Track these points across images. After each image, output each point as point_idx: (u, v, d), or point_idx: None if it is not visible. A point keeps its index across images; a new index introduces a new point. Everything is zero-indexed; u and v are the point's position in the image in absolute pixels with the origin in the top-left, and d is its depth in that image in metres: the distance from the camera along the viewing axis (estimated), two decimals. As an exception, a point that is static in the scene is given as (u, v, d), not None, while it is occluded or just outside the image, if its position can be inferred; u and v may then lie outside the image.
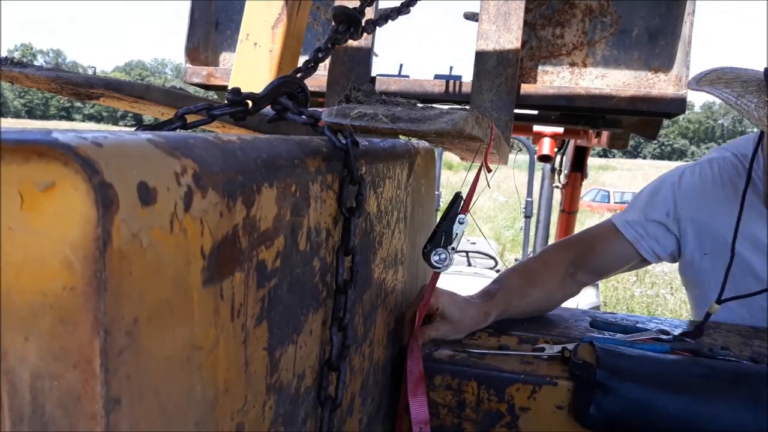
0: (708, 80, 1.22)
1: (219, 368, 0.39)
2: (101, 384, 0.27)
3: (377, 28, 1.22)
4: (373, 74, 1.97)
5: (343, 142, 0.69)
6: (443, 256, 1.14)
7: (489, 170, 1.18)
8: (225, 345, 0.40)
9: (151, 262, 0.30)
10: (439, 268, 1.14)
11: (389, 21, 1.22)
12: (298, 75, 0.99)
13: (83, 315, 0.27)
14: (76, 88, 1.24)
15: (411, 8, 1.27)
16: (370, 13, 1.67)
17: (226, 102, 0.74)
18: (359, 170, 0.70)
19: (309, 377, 0.63)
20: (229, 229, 0.38)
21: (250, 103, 0.76)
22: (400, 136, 1.13)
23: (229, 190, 0.38)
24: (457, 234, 1.15)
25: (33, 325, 0.27)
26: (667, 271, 9.44)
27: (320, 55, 1.04)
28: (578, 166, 4.12)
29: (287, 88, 0.80)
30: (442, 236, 1.15)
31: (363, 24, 1.08)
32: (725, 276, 1.32)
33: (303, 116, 0.73)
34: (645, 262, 1.50)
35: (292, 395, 0.57)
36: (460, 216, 1.15)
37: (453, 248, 1.15)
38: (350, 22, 1.05)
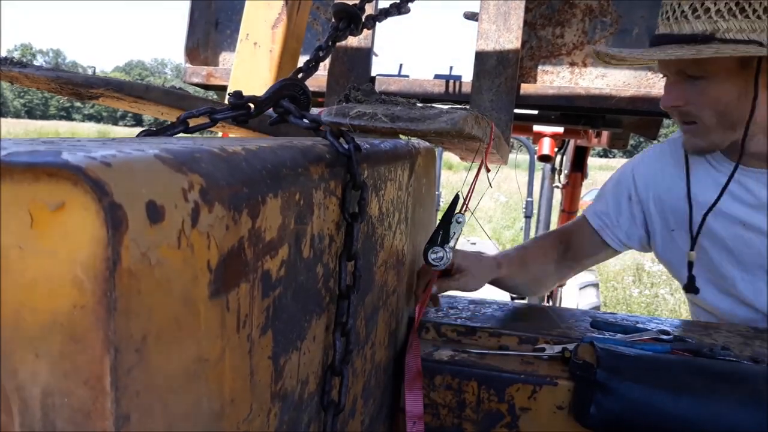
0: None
1: (225, 379, 0.40)
2: (111, 401, 0.28)
3: (377, 24, 1.22)
4: (372, 74, 1.98)
5: (346, 147, 0.69)
6: (440, 254, 1.15)
7: (488, 170, 1.19)
8: (231, 356, 0.40)
9: (159, 279, 0.30)
10: (436, 266, 1.16)
11: (389, 17, 1.22)
12: (300, 75, 0.99)
13: (93, 333, 0.27)
14: (76, 88, 1.24)
15: (410, 6, 1.27)
16: (369, 10, 1.67)
17: (227, 104, 0.75)
18: (362, 175, 0.70)
19: (312, 383, 0.63)
20: (234, 242, 0.39)
21: (252, 106, 0.76)
22: (401, 136, 1.14)
23: (234, 203, 0.38)
24: (454, 233, 1.16)
25: (44, 342, 0.28)
26: (665, 270, 9.39)
27: (321, 54, 1.04)
28: (578, 166, 4.12)
29: (289, 91, 0.81)
30: (439, 235, 1.16)
31: (363, 20, 1.08)
32: (692, 242, 1.36)
33: (305, 120, 0.73)
34: (616, 250, 1.52)
35: (296, 401, 0.58)
36: (458, 215, 1.16)
37: (450, 247, 1.16)
38: (350, 19, 1.05)
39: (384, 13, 1.16)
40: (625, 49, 1.32)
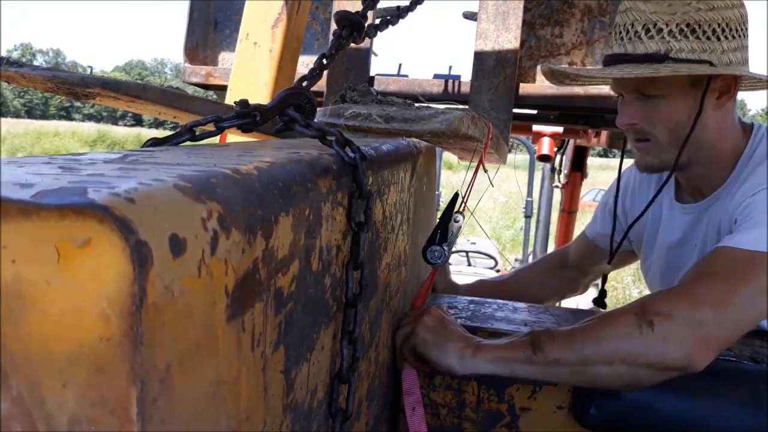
0: None
1: (241, 398, 0.40)
2: (138, 430, 0.28)
3: (378, 32, 1.22)
4: (372, 74, 1.98)
5: (352, 156, 0.69)
6: (438, 252, 1.16)
7: (485, 170, 1.20)
8: (246, 375, 0.41)
9: (181, 309, 0.31)
10: (435, 264, 1.17)
11: (390, 26, 1.23)
12: (304, 83, 1.00)
13: (119, 365, 0.28)
14: (73, 88, 1.24)
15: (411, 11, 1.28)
16: (370, 15, 1.67)
17: (233, 113, 0.75)
18: (367, 183, 0.70)
19: (321, 391, 0.64)
20: (249, 264, 0.39)
21: (257, 114, 0.77)
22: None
23: (250, 226, 0.39)
24: (452, 231, 1.17)
25: (71, 373, 0.28)
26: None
27: (325, 62, 1.04)
28: (578, 166, 4.12)
29: (294, 100, 0.81)
30: (438, 234, 1.17)
31: (365, 28, 1.08)
32: (617, 242, 1.47)
33: (310, 128, 0.74)
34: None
35: (306, 411, 0.59)
36: (456, 215, 1.18)
37: (448, 245, 1.17)
38: (353, 27, 1.05)
39: (386, 22, 1.17)
40: (581, 68, 1.40)
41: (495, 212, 14.57)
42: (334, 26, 1.08)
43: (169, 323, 0.30)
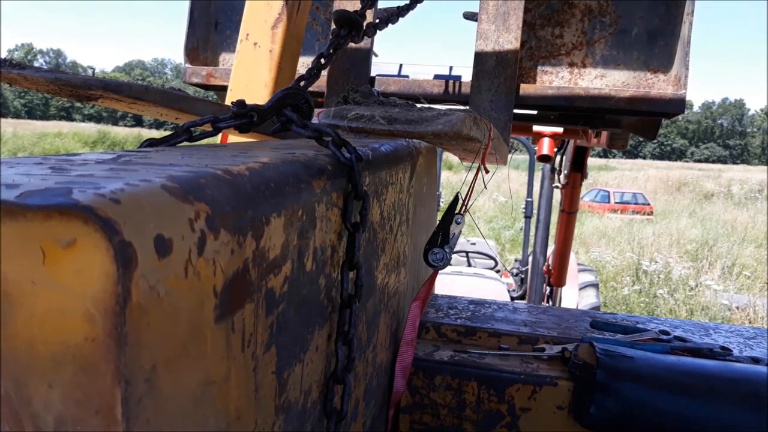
0: None
1: (231, 398, 0.40)
2: (123, 430, 0.28)
3: (377, 31, 1.22)
4: (372, 74, 1.97)
5: (347, 156, 0.69)
6: (440, 255, 1.16)
7: (487, 171, 1.19)
8: (236, 375, 0.41)
9: (167, 310, 0.31)
10: (436, 266, 1.17)
11: (389, 24, 1.23)
12: (302, 83, 1.00)
13: (104, 365, 0.28)
14: (75, 90, 1.24)
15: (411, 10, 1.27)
16: (369, 14, 1.67)
17: (230, 113, 0.75)
18: (363, 184, 0.70)
19: (315, 391, 0.64)
20: (239, 265, 0.39)
21: (254, 115, 0.77)
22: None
23: (239, 227, 0.39)
24: (454, 234, 1.17)
25: (56, 373, 0.28)
26: (664, 270, 9.47)
27: (323, 61, 1.04)
28: (578, 166, 4.11)
29: (291, 100, 0.81)
30: (440, 236, 1.17)
31: (364, 27, 1.08)
32: None
33: (307, 128, 0.74)
34: None
35: (299, 411, 0.59)
36: (457, 216, 1.17)
37: (450, 247, 1.17)
38: (352, 26, 1.05)
39: (385, 21, 1.17)
40: None
41: (495, 213, 14.62)
42: (333, 26, 1.08)
43: (155, 323, 0.30)
